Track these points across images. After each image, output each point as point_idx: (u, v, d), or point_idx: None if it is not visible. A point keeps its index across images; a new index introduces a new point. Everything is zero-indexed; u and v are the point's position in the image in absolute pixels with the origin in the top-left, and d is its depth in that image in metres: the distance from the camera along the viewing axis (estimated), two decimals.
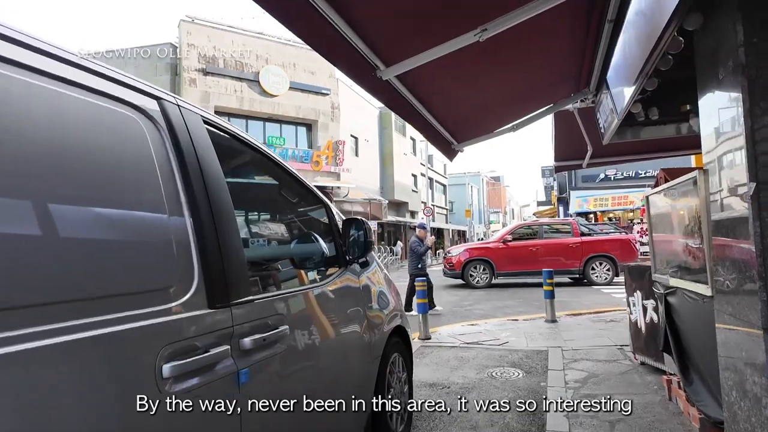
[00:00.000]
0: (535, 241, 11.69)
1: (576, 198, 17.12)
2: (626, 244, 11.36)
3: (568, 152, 5.95)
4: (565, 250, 11.35)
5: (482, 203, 56.17)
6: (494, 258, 11.47)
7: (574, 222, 12.04)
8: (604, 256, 11.22)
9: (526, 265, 11.38)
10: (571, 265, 11.29)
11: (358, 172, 25.02)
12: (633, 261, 11.29)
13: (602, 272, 11.26)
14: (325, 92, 21.71)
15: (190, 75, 18.35)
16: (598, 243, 11.37)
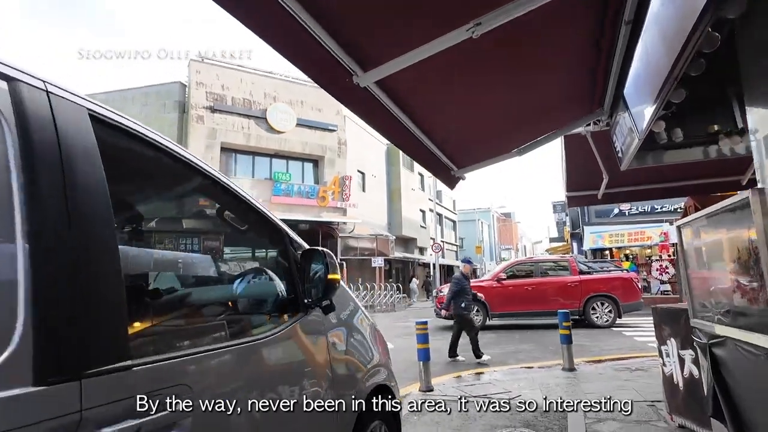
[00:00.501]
0: (531, 279, 11.07)
1: (590, 234, 16.45)
2: (628, 283, 10.80)
3: (581, 182, 5.47)
4: (564, 290, 10.72)
5: (493, 240, 55.34)
6: (487, 297, 10.62)
7: (572, 259, 11.39)
8: (605, 296, 10.58)
9: (522, 305, 10.80)
10: (570, 305, 10.48)
11: (365, 208, 24.71)
12: (635, 301, 10.54)
13: (603, 313, 10.58)
14: (332, 128, 21.75)
15: (197, 112, 18.50)
16: (599, 282, 10.77)
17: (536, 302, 10.73)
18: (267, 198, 19.59)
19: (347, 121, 23.55)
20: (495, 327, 11.25)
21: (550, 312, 10.32)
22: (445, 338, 9.19)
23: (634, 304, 10.72)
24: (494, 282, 11.13)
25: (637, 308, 10.83)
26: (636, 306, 10.78)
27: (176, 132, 18.43)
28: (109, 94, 19.56)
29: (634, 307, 10.73)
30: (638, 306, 10.79)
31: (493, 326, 11.41)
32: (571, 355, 5.94)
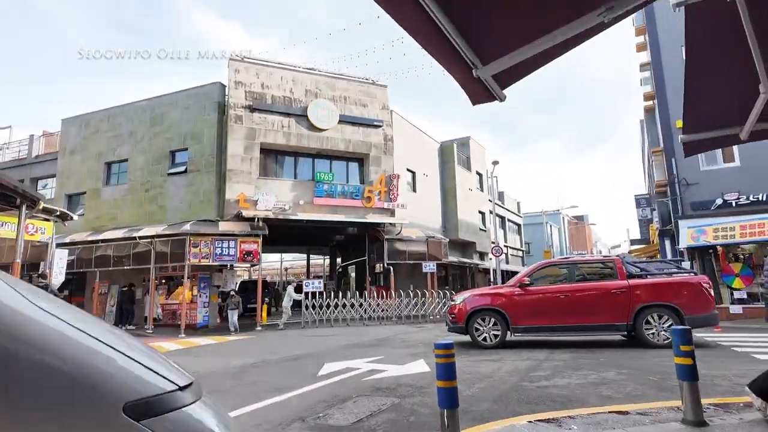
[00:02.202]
0: (564, 285, 8.66)
1: (687, 229, 13.38)
2: (696, 290, 8.15)
3: (715, 105, 3.30)
4: (607, 298, 8.30)
5: (564, 244, 51.00)
6: (508, 307, 8.66)
7: (618, 260, 8.80)
8: (664, 306, 8.05)
9: (553, 318, 8.50)
10: (616, 318, 8.21)
11: (416, 209, 22.84)
12: (706, 313, 7.93)
13: (661, 329, 8.04)
14: (377, 124, 20.22)
15: (236, 112, 17.75)
16: (654, 288, 8.25)
17: (570, 314, 8.40)
18: (309, 200, 18.38)
19: (394, 116, 21.96)
20: (567, 343, 8.90)
21: (590, 326, 8.38)
22: (513, 356, 7.30)
23: (705, 317, 8.06)
24: (517, 288, 8.81)
25: (708, 322, 8.19)
26: (707, 319, 8.12)
27: (215, 134, 17.78)
28: (152, 101, 19.46)
29: (704, 320, 8.09)
30: (710, 319, 8.14)
31: (565, 343, 9.05)
32: (696, 399, 3.71)
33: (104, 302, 18.20)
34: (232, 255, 15.27)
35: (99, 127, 20.26)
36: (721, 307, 12.88)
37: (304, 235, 24.72)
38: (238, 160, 17.55)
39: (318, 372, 6.62)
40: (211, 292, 16.84)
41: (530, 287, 8.72)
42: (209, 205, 17.29)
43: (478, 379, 5.80)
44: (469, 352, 8.19)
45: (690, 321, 7.77)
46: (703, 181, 14.77)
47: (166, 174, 18.32)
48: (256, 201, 17.24)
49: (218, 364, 7.95)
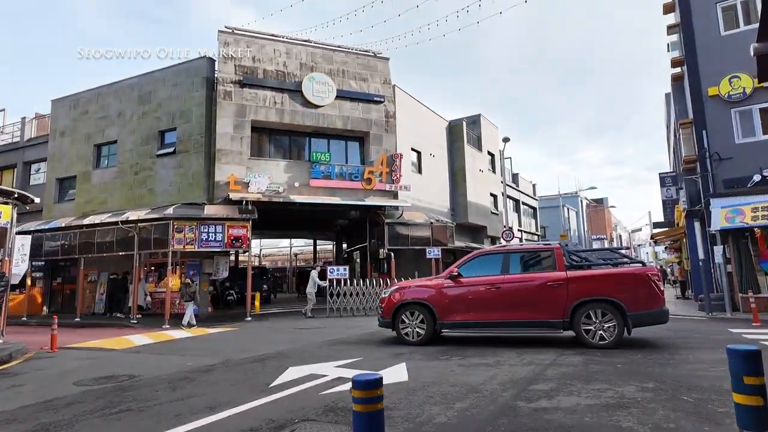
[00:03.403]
0: (496, 277, 7.69)
1: (720, 209, 11.85)
2: (641, 282, 7.12)
3: None
4: (541, 292, 7.38)
5: (582, 228, 49.08)
6: (435, 301, 7.87)
7: (558, 248, 7.67)
8: (605, 301, 7.08)
9: (482, 314, 7.66)
10: (550, 313, 7.28)
11: (422, 191, 21.52)
12: (653, 309, 6.90)
13: (601, 327, 7.06)
14: (378, 99, 18.86)
15: (225, 88, 16.60)
16: (594, 280, 7.30)
17: (501, 309, 7.52)
18: (305, 182, 17.24)
19: (397, 91, 20.54)
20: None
21: (522, 323, 7.53)
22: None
23: (651, 314, 7.06)
24: (446, 280, 7.93)
25: (655, 320, 7.20)
26: (654, 317, 7.12)
27: (204, 111, 16.69)
28: (141, 78, 18.43)
29: (650, 318, 7.12)
30: (658, 317, 7.13)
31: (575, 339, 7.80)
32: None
33: (94, 290, 17.53)
34: (219, 241, 14.29)
35: (88, 108, 19.38)
36: (760, 297, 11.41)
37: (307, 220, 23.72)
38: (228, 139, 16.46)
39: (273, 381, 5.53)
40: (201, 280, 15.95)
41: (461, 279, 7.85)
42: (198, 188, 16.30)
43: (461, 395, 4.62)
44: (465, 353, 7.01)
45: (634, 319, 6.94)
46: (739, 155, 13.12)
47: (155, 155, 17.38)
48: (247, 183, 16.19)
49: (172, 365, 6.94)
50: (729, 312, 11.33)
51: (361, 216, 19.61)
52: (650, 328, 9.55)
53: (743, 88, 13.20)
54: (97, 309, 17.14)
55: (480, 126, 27.82)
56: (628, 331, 7.10)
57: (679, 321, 11.00)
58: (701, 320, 11.03)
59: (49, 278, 19.27)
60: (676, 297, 18.71)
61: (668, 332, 8.87)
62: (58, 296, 19.32)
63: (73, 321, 14.81)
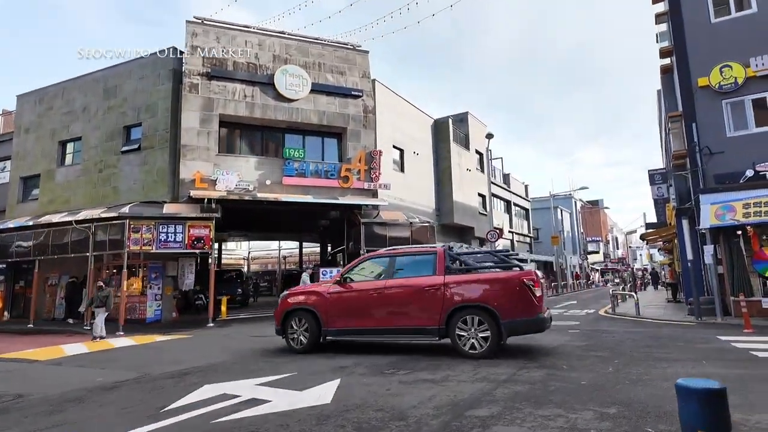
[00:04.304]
0: (379, 281, 7.38)
1: (709, 206, 11.03)
2: (515, 288, 6.56)
3: None
4: (419, 297, 6.97)
5: (576, 230, 48.28)
6: (320, 307, 7.57)
7: (441, 251, 7.19)
8: (479, 307, 6.60)
9: (363, 320, 7.30)
10: (427, 320, 6.85)
11: (405, 191, 20.70)
12: (527, 317, 6.45)
13: (475, 335, 6.59)
14: (356, 94, 18.03)
15: (191, 80, 15.76)
16: (470, 285, 6.79)
17: (382, 315, 7.17)
18: (277, 179, 16.40)
19: (378, 86, 19.73)
20: (560, 350, 6.78)
21: (400, 329, 7.09)
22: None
23: (525, 321, 6.53)
24: (334, 285, 7.65)
25: (530, 328, 6.72)
26: (529, 324, 6.60)
27: (170, 105, 15.85)
28: (106, 72, 17.59)
29: (524, 326, 6.61)
30: (532, 324, 6.61)
31: (557, 348, 6.94)
32: None
33: (54, 294, 16.62)
34: (179, 241, 13.41)
35: (53, 103, 18.52)
36: (751, 301, 10.57)
37: (291, 221, 22.85)
38: (194, 134, 15.61)
39: (172, 403, 4.66)
40: (165, 284, 15.07)
41: (348, 284, 7.55)
42: (163, 186, 15.45)
43: (380, 425, 3.76)
44: (417, 366, 6.17)
45: (508, 326, 6.45)
46: (731, 149, 12.31)
47: (120, 152, 16.52)
48: (215, 180, 15.34)
49: (79, 380, 6.07)
50: (719, 317, 10.50)
51: (341, 216, 18.76)
52: (634, 335, 8.76)
53: (735, 77, 12.42)
54: (57, 314, 16.23)
55: (468, 124, 27.03)
56: (500, 338, 6.49)
57: (665, 327, 10.17)
58: (689, 326, 10.19)
59: (11, 281, 18.34)
60: (667, 300, 17.88)
61: (650, 340, 8.04)
62: (21, 300, 18.36)
63: (26, 327, 13.91)
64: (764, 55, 12.10)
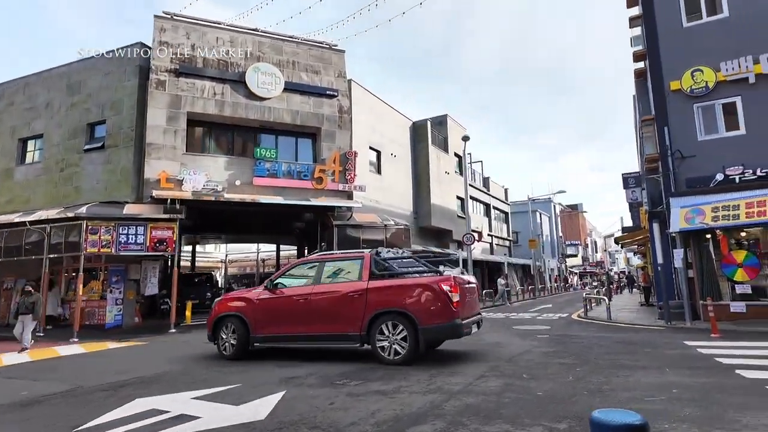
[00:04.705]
0: (307, 287, 7.30)
1: (679, 209, 10.98)
2: (433, 294, 6.45)
3: None
4: (343, 303, 6.90)
5: (555, 234, 48.61)
6: (249, 313, 7.48)
7: (369, 256, 7.14)
8: (398, 313, 6.53)
9: (290, 326, 7.21)
10: (350, 327, 6.77)
11: (382, 193, 20.42)
12: (443, 322, 6.32)
13: (395, 341, 6.51)
14: (331, 94, 17.67)
15: (158, 77, 15.20)
16: (390, 291, 6.70)
17: (308, 321, 7.06)
18: (248, 180, 15.92)
19: (355, 87, 19.43)
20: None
21: (324, 336, 7.02)
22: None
23: (441, 327, 6.43)
24: (263, 291, 7.55)
25: (446, 334, 6.69)
26: (444, 330, 6.52)
27: (136, 102, 15.27)
28: (71, 66, 16.91)
29: (440, 332, 6.56)
30: (448, 330, 6.50)
31: (522, 356, 6.67)
32: None
33: (10, 298, 15.82)
34: (140, 243, 12.84)
35: (14, 99, 17.73)
36: (720, 305, 10.53)
37: (263, 223, 22.31)
38: (160, 132, 15.05)
39: (91, 421, 4.23)
40: (127, 288, 14.44)
41: (277, 290, 7.46)
42: (127, 186, 14.85)
43: None
44: (371, 376, 5.82)
45: (425, 332, 6.37)
46: (702, 153, 12.31)
47: (83, 150, 15.85)
48: (181, 180, 14.80)
49: (1, 394, 5.56)
50: (689, 321, 10.41)
51: (314, 218, 18.34)
52: (602, 340, 8.57)
53: (706, 81, 12.43)
54: (11, 320, 15.41)
55: (447, 127, 26.90)
56: (418, 346, 6.36)
57: (634, 331, 10.03)
58: (658, 331, 10.07)
59: None
60: (640, 304, 17.90)
61: (618, 346, 7.85)
62: None
63: None
64: (734, 60, 12.14)
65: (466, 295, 6.85)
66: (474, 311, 7.22)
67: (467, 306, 6.82)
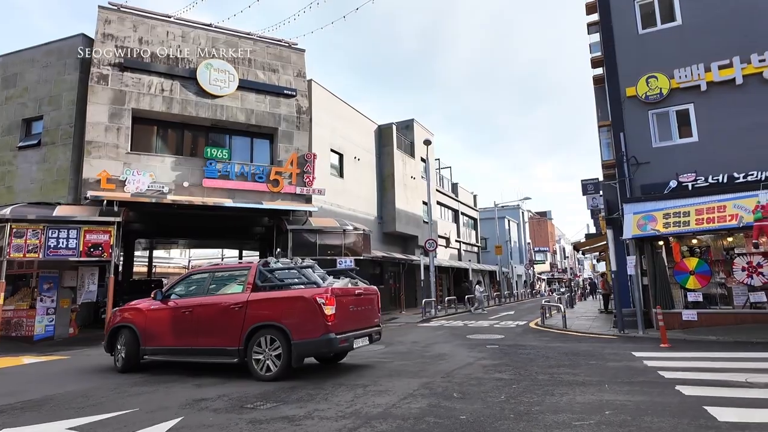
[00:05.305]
0: (195, 299, 7.03)
1: (632, 215, 10.84)
2: (307, 307, 6.15)
3: None
4: (225, 316, 6.60)
5: (523, 241, 49.01)
6: (139, 324, 7.24)
7: (255, 265, 6.84)
8: (274, 327, 6.24)
9: (176, 338, 6.91)
10: (229, 340, 6.45)
11: (344, 197, 19.91)
12: (315, 337, 6.05)
13: (270, 356, 6.22)
14: (289, 93, 17.06)
15: (100, 71, 14.29)
16: (268, 304, 6.41)
17: (192, 334, 6.77)
18: (197, 181, 15.13)
19: (316, 88, 18.90)
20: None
21: (204, 350, 6.68)
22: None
23: (311, 342, 6.10)
24: (155, 302, 7.24)
25: (317, 349, 6.33)
26: (315, 345, 6.16)
27: (76, 98, 14.30)
28: (6, 58, 15.75)
29: (310, 347, 6.18)
30: (319, 345, 6.15)
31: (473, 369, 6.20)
32: None
33: None
34: (72, 248, 11.90)
35: None
36: (672, 313, 10.41)
37: (222, 228, 21.39)
38: (101, 129, 14.13)
39: None
40: (60, 296, 13.39)
41: (168, 300, 7.15)
42: (64, 186, 13.86)
43: None
44: (291, 397, 5.25)
45: (297, 347, 6.07)
46: (656, 159, 12.28)
47: (17, 148, 14.74)
48: (124, 181, 13.91)
49: None
50: (641, 330, 10.23)
51: (270, 222, 17.63)
52: (551, 351, 8.11)
53: (660, 88, 12.43)
54: None
55: (413, 132, 26.63)
56: (291, 361, 6.09)
57: (586, 341, 9.76)
58: (610, 340, 9.83)
59: None
60: (600, 311, 17.88)
61: (565, 357, 7.51)
62: None
63: None
64: (687, 67, 12.18)
65: (349, 308, 6.49)
66: (364, 324, 6.83)
67: (350, 319, 6.49)
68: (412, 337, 11.44)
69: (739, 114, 11.53)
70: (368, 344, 7.03)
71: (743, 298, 10.45)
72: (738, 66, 11.62)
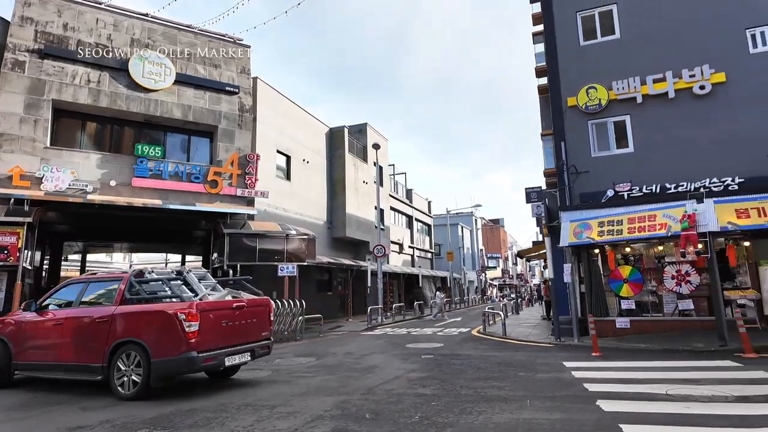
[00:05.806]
0: (67, 310, 6.61)
1: (569, 223, 10.90)
2: (168, 323, 5.70)
3: None
4: (90, 329, 6.20)
5: (476, 247, 49.71)
6: (14, 338, 6.76)
7: (127, 276, 6.49)
8: (135, 343, 5.85)
9: (44, 354, 6.49)
10: (93, 357, 6.04)
11: (291, 200, 19.23)
12: (174, 355, 5.64)
13: (130, 374, 5.81)
14: (231, 90, 16.25)
15: (16, 56, 13.01)
16: (131, 318, 6.03)
17: (58, 348, 6.35)
18: (126, 181, 14.04)
19: (262, 86, 18.19)
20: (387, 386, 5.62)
21: (67, 366, 6.25)
22: None
23: (172, 361, 5.66)
24: (30, 313, 6.79)
25: (177, 369, 5.82)
26: (177, 364, 5.70)
27: None
28: None
29: (173, 365, 5.71)
30: (179, 365, 5.72)
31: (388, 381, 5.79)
32: None
33: None
34: None
35: None
36: (606, 321, 10.51)
37: (162, 231, 20.09)
38: (15, 121, 12.83)
39: None
40: None
41: (44, 312, 6.71)
42: None
43: None
44: (182, 423, 4.65)
45: (157, 366, 5.66)
46: (595, 169, 12.49)
47: None
48: (41, 178, 12.68)
49: None
50: (576, 338, 10.25)
51: (207, 226, 16.68)
52: (483, 361, 7.67)
53: (599, 99, 12.68)
54: None
55: (366, 136, 26.28)
56: (149, 380, 5.66)
57: (522, 349, 9.64)
58: (546, 348, 9.77)
59: None
60: (542, 317, 18.14)
61: (495, 368, 7.27)
62: None
63: None
64: (624, 80, 12.49)
65: (221, 322, 6.01)
66: (243, 339, 6.32)
67: (223, 334, 6.00)
68: (349, 347, 10.97)
69: (671, 127, 11.91)
70: (249, 360, 6.47)
71: (672, 306, 10.71)
72: (670, 80, 12.01)
